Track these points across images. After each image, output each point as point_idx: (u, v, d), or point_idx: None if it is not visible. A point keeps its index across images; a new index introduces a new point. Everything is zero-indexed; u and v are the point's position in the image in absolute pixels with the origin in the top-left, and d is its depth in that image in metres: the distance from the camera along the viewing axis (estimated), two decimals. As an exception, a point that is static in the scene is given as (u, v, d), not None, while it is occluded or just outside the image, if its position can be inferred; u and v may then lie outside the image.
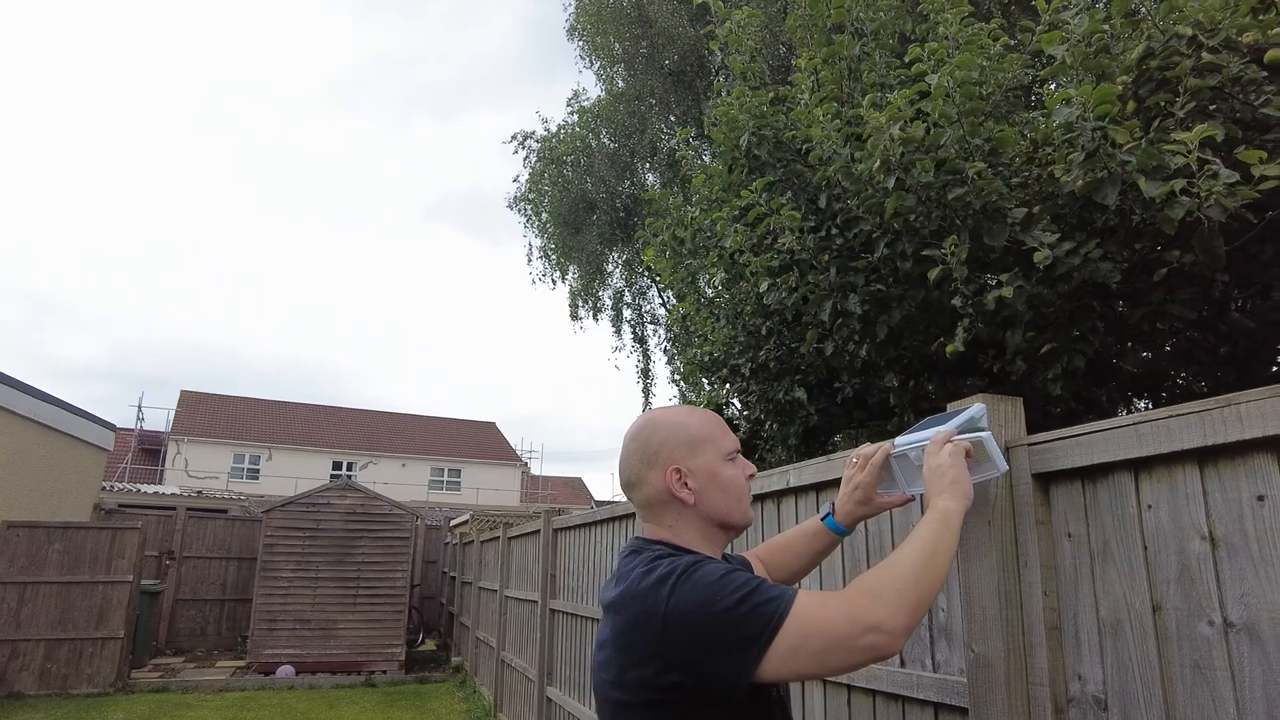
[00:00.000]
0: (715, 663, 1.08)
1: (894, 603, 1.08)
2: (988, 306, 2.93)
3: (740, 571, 1.15)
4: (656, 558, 1.22)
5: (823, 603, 1.10)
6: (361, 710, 8.21)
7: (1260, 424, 1.06)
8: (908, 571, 1.12)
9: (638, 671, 1.14)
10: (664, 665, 1.11)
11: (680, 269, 5.27)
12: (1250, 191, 2.16)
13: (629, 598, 1.19)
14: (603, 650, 1.25)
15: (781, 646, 1.06)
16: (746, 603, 1.09)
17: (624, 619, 1.19)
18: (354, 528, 10.36)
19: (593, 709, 4.37)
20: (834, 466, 2.07)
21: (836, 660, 1.08)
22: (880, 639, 1.06)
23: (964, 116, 3.03)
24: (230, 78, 68.42)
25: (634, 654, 1.15)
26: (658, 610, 1.12)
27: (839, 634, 1.06)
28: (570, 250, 15.84)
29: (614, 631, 1.21)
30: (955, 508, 1.25)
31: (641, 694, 1.14)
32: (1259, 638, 1.08)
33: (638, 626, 1.15)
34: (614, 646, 1.20)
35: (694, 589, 1.12)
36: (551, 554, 5.70)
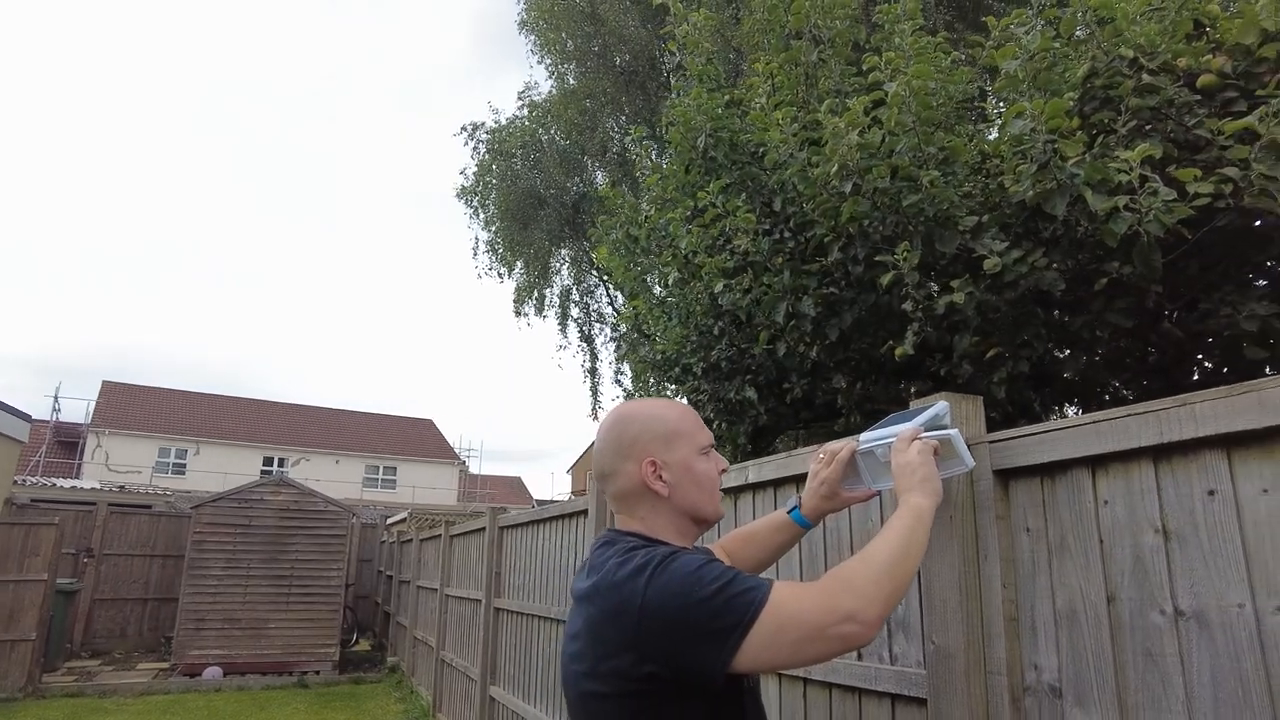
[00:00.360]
0: (692, 652, 1.09)
1: (868, 593, 1.11)
2: (937, 311, 3.02)
3: (717, 562, 1.16)
4: (631, 549, 1.22)
5: (799, 593, 1.12)
6: (294, 712, 7.98)
7: (1213, 422, 1.12)
8: (882, 564, 1.15)
9: (613, 662, 1.14)
10: (640, 656, 1.11)
11: (633, 268, 5.28)
12: (1185, 208, 2.27)
13: (604, 588, 1.18)
14: (575, 641, 1.24)
15: (758, 636, 1.07)
16: (724, 593, 1.10)
17: (599, 609, 1.18)
18: (288, 525, 10.07)
19: (539, 707, 4.36)
20: (794, 463, 2.11)
21: (812, 650, 1.10)
22: (855, 629, 1.09)
23: (919, 125, 3.11)
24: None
25: (609, 645, 1.15)
26: (634, 600, 1.12)
27: (815, 624, 1.08)
28: (517, 245, 15.71)
29: (588, 622, 1.21)
30: (927, 504, 1.28)
31: (616, 685, 1.14)
32: (1207, 625, 1.14)
33: (614, 617, 1.15)
34: (588, 638, 1.20)
35: (671, 579, 1.12)
36: (497, 552, 5.65)
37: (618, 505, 1.34)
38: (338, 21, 72.73)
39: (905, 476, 1.34)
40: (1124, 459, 1.27)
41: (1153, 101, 2.70)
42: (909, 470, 1.34)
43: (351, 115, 73.89)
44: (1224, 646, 1.11)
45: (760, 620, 1.07)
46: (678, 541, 1.29)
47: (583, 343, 16.69)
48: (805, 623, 1.08)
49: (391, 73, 74.58)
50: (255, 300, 71.85)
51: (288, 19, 74.66)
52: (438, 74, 73.24)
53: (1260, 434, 1.08)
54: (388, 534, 14.51)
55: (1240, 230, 2.74)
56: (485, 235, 16.48)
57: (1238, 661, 1.09)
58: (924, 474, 1.33)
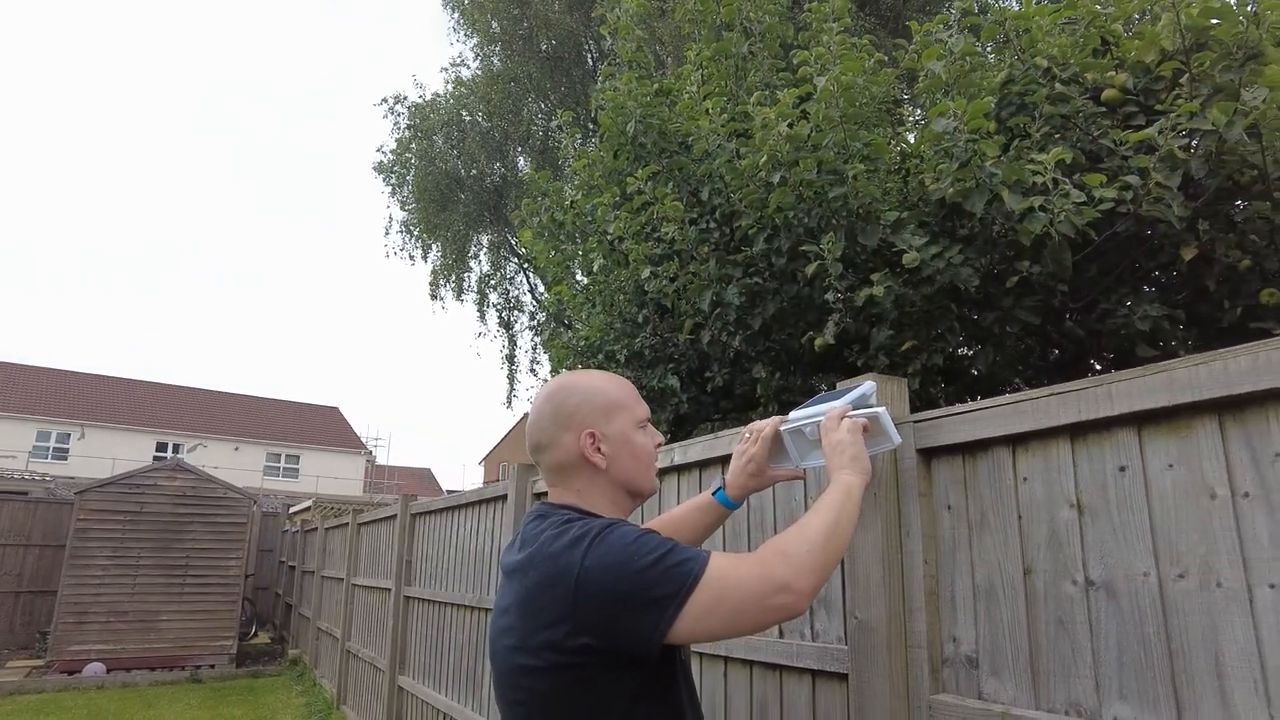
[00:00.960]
0: (629, 622, 1.08)
1: (803, 564, 1.12)
2: (857, 303, 3.10)
3: (655, 534, 1.15)
4: (566, 521, 1.20)
5: (736, 563, 1.12)
6: (185, 709, 7.59)
7: (1127, 401, 1.17)
8: (816, 536, 1.17)
9: (546, 634, 1.11)
10: (574, 627, 1.09)
11: (557, 254, 5.23)
12: (1094, 212, 2.40)
13: (539, 559, 1.16)
14: (505, 615, 1.21)
15: (696, 606, 1.07)
16: (662, 563, 1.09)
17: (533, 581, 1.16)
18: (184, 512, 9.55)
19: (451, 695, 4.28)
20: (719, 444, 2.12)
21: (748, 619, 1.10)
22: (790, 599, 1.10)
23: (844, 121, 3.18)
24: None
25: (542, 617, 1.13)
26: (571, 571, 1.10)
27: (752, 593, 1.09)
28: (435, 227, 15.33)
29: (520, 595, 1.18)
30: (857, 482, 1.30)
31: (548, 658, 1.11)
32: (1115, 594, 1.20)
33: (549, 588, 1.13)
34: (520, 611, 1.17)
35: (609, 550, 1.11)
36: (409, 539, 5.51)
37: (553, 477, 1.31)
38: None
39: (836, 454, 1.36)
40: (1043, 437, 1.32)
41: (1064, 110, 2.84)
42: (839, 448, 1.36)
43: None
44: (1130, 613, 1.17)
45: (698, 590, 1.07)
46: (613, 514, 1.28)
47: (501, 329, 16.47)
48: (742, 592, 1.08)
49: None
50: (153, 279, 68.18)
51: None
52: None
53: (1169, 411, 1.14)
54: (290, 523, 13.98)
55: (1136, 237, 2.92)
56: (401, 215, 16.02)
57: (1141, 626, 1.16)
58: (854, 452, 1.35)
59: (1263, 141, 2.41)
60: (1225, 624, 1.07)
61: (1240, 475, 1.08)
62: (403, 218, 15.86)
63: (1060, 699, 1.25)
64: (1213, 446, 1.11)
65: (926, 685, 1.44)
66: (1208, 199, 2.67)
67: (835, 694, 1.67)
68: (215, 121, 64.92)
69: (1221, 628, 1.07)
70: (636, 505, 1.37)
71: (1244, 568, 1.06)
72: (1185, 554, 1.12)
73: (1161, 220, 2.60)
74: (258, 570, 14.13)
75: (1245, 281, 2.82)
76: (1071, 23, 3.07)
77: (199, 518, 9.65)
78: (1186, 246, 2.71)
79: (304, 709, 7.64)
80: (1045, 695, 1.27)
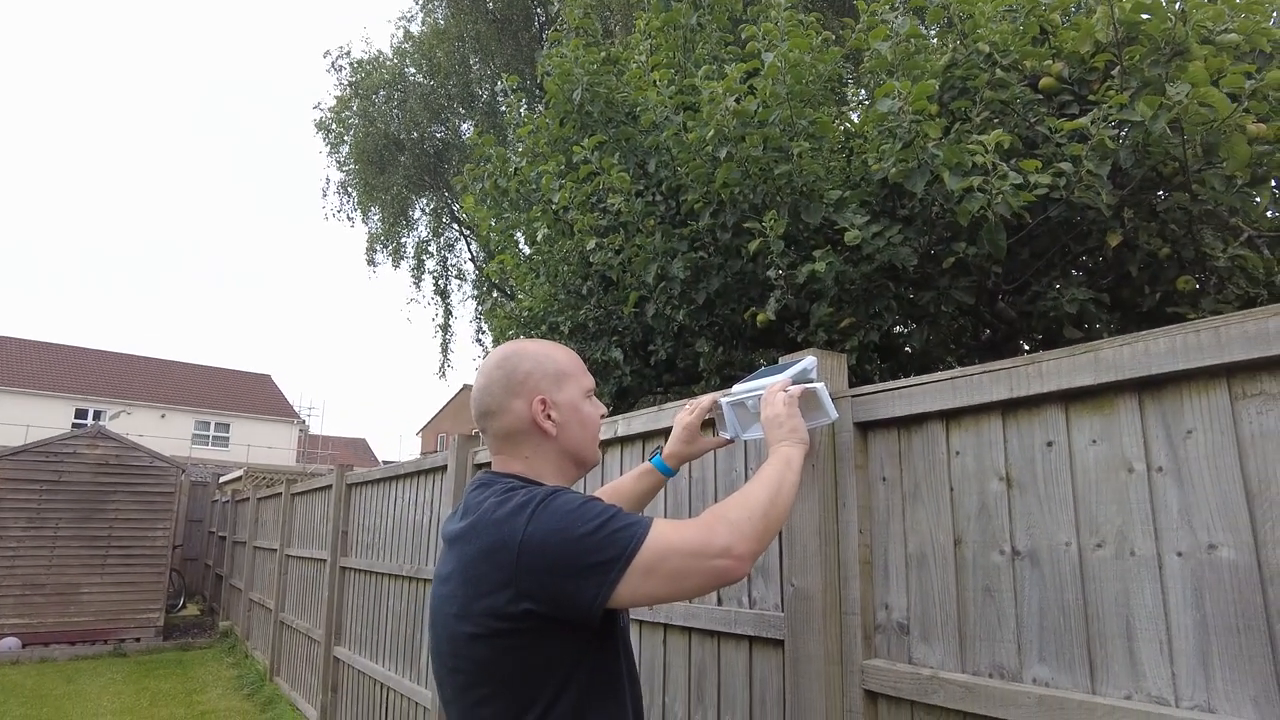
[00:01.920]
0: (572, 587, 1.09)
1: (744, 529, 1.15)
2: (799, 280, 3.14)
3: (598, 500, 1.16)
4: (510, 489, 1.20)
5: (678, 528, 1.14)
6: (109, 683, 7.36)
7: (1056, 379, 1.23)
8: (756, 503, 1.19)
9: (488, 601, 1.12)
10: (517, 592, 1.10)
11: (501, 220, 5.15)
12: (1029, 195, 2.47)
13: (482, 526, 1.16)
14: (446, 583, 1.21)
15: (638, 570, 1.09)
16: (605, 529, 1.10)
17: (475, 548, 1.16)
18: (106, 481, 9.18)
19: (388, 665, 4.25)
20: (664, 417, 2.14)
21: (690, 583, 1.12)
22: (730, 563, 1.12)
23: (791, 99, 3.20)
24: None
25: (484, 583, 1.13)
26: (514, 537, 1.11)
27: (693, 556, 1.11)
28: (373, 190, 14.90)
29: (462, 562, 1.18)
30: (795, 453, 1.34)
31: (490, 624, 1.12)
32: (1038, 563, 1.26)
33: (491, 555, 1.13)
34: (461, 578, 1.17)
35: (553, 516, 1.12)
36: (344, 510, 5.42)
37: (500, 444, 1.30)
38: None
39: (774, 428, 1.39)
40: (976, 413, 1.37)
41: (1003, 95, 2.91)
42: (777, 422, 1.40)
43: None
44: (1051, 581, 1.24)
45: (640, 554, 1.09)
46: (558, 483, 1.28)
47: (437, 297, 16.16)
48: (683, 556, 1.11)
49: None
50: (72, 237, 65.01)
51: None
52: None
53: (1095, 390, 1.20)
54: (220, 493, 13.60)
55: (1067, 222, 3.03)
56: (339, 175, 15.54)
57: (1061, 593, 1.22)
58: (791, 425, 1.39)
59: (1184, 135, 2.51)
60: (1137, 590, 1.14)
61: (1156, 451, 1.14)
62: (340, 179, 15.39)
63: (985, 662, 1.31)
64: (1132, 423, 1.16)
65: (859, 650, 1.50)
66: (1133, 188, 2.78)
67: (771, 659, 1.72)
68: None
69: (1133, 593, 1.14)
70: (581, 475, 1.38)
71: (1155, 537, 1.12)
72: (1104, 525, 1.18)
73: (1091, 207, 2.70)
74: (186, 541, 13.73)
75: (1164, 269, 2.95)
76: (1012, 10, 3.14)
77: (123, 487, 9.29)
78: (1113, 233, 2.82)
79: (235, 681, 7.50)
80: (971, 659, 1.34)
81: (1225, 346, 1.05)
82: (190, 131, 59.83)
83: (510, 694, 1.12)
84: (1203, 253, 2.78)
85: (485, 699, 1.14)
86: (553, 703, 1.12)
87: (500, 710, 1.13)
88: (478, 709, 1.15)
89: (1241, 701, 1.01)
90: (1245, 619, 1.02)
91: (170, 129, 60.15)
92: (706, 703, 1.91)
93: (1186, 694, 1.07)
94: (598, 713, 1.16)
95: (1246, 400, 1.05)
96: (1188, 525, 1.09)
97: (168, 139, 59.84)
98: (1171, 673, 1.09)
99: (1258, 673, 1.00)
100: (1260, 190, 2.77)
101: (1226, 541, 1.05)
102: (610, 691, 1.19)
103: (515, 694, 1.12)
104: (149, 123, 60.40)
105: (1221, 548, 1.05)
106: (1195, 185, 2.64)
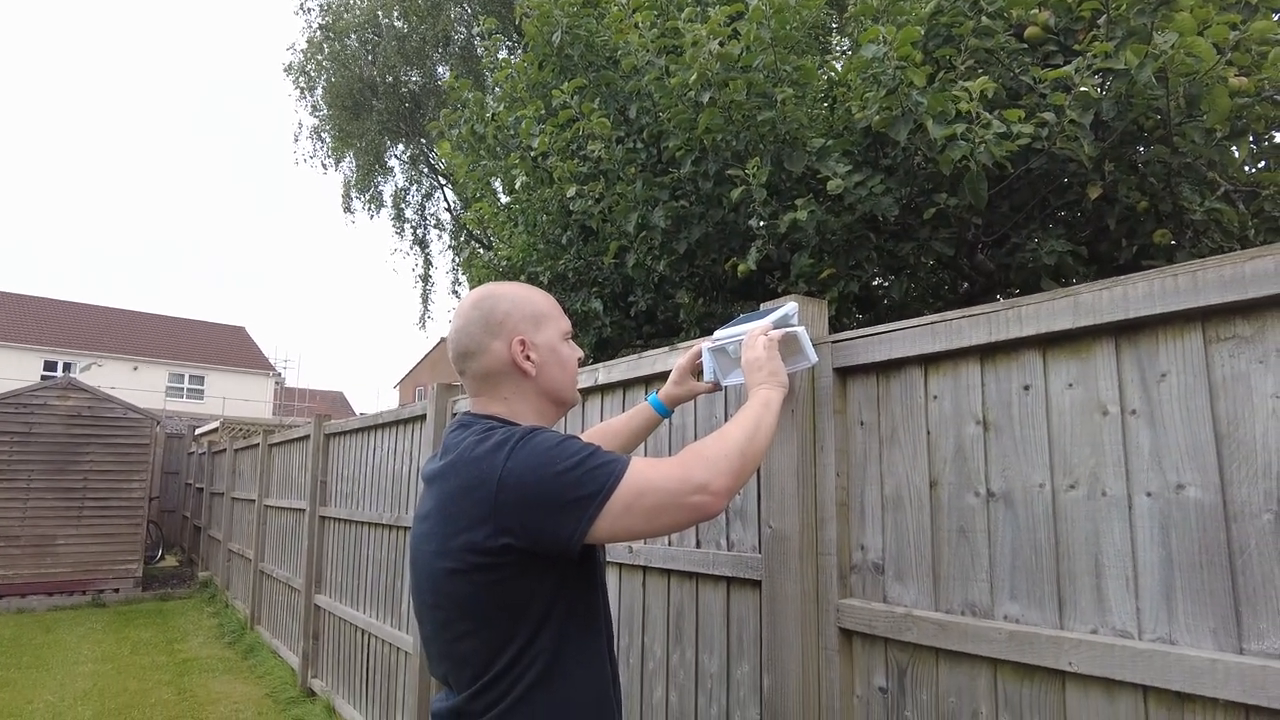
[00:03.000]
0: (551, 522, 1.09)
1: (720, 467, 1.16)
2: (781, 229, 3.13)
3: (577, 439, 1.17)
4: (489, 429, 1.20)
5: (655, 464, 1.15)
6: (88, 632, 7.38)
7: (1035, 323, 1.24)
8: (734, 442, 1.20)
9: (466, 536, 1.12)
10: (496, 528, 1.10)
11: (478, 168, 5.06)
12: (1012, 144, 2.46)
13: (461, 464, 1.17)
14: (425, 522, 1.22)
15: (616, 505, 1.10)
16: (584, 465, 1.11)
17: (454, 485, 1.16)
18: (79, 433, 9.07)
19: (369, 611, 4.29)
20: (643, 365, 2.14)
21: (666, 518, 1.13)
22: (706, 499, 1.13)
23: (775, 44, 3.15)
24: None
25: (462, 519, 1.13)
26: (493, 474, 1.11)
27: (670, 491, 1.12)
28: (348, 136, 14.54)
29: (440, 499, 1.18)
30: (775, 396, 1.34)
31: (468, 559, 1.12)
32: (1012, 504, 1.28)
33: (469, 491, 1.13)
34: (440, 515, 1.17)
35: (532, 453, 1.12)
36: (323, 460, 5.41)
37: (479, 385, 1.30)
38: None
39: (754, 371, 1.40)
40: (954, 358, 1.38)
41: (988, 44, 2.88)
42: (757, 365, 1.40)
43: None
44: (1024, 521, 1.26)
45: (618, 490, 1.10)
46: (538, 423, 1.28)
47: (417, 246, 15.94)
48: (660, 490, 1.12)
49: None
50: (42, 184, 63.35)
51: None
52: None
53: (1073, 334, 1.21)
54: (197, 445, 13.50)
55: (1048, 174, 3.03)
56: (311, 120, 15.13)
57: (1034, 533, 1.25)
58: (771, 368, 1.39)
59: (1168, 87, 2.50)
60: (1106, 529, 1.16)
61: (1130, 393, 1.16)
62: (313, 124, 14.98)
63: (958, 600, 1.35)
64: (1108, 367, 1.18)
65: (835, 590, 1.53)
66: (1114, 141, 2.77)
67: (749, 599, 1.75)
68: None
69: (1103, 532, 1.17)
70: (561, 415, 1.38)
71: (1126, 478, 1.15)
72: (1077, 466, 1.21)
73: (1073, 159, 2.70)
74: (163, 493, 13.67)
75: (1142, 222, 2.97)
76: (1001, -45, 3.08)
77: (96, 439, 9.19)
78: (1093, 185, 2.83)
79: (216, 630, 7.55)
80: (945, 598, 1.37)
81: (1201, 290, 1.06)
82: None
83: (489, 629, 1.14)
84: (1180, 206, 2.80)
85: (464, 634, 1.15)
86: (532, 638, 1.14)
87: (479, 645, 1.14)
88: (457, 644, 1.17)
89: (1201, 634, 1.05)
90: (1208, 555, 1.05)
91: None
92: (685, 642, 1.95)
93: (1149, 627, 1.10)
94: (575, 647, 1.18)
95: (1220, 344, 1.07)
96: (1158, 466, 1.12)
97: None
98: (1136, 607, 1.12)
99: (1217, 606, 1.04)
100: (1239, 143, 2.78)
101: (1194, 481, 1.08)
102: (587, 627, 1.21)
103: (494, 629, 1.13)
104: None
105: (1189, 487, 1.08)
106: (1176, 138, 2.65)
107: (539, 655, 1.14)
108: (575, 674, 1.17)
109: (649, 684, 2.07)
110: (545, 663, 1.14)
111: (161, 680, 5.71)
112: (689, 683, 1.93)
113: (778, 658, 1.59)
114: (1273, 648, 0.98)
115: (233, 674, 5.95)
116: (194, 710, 5.01)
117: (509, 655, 1.13)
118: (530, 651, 1.14)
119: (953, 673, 1.34)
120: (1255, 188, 2.85)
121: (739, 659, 1.78)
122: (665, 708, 2.00)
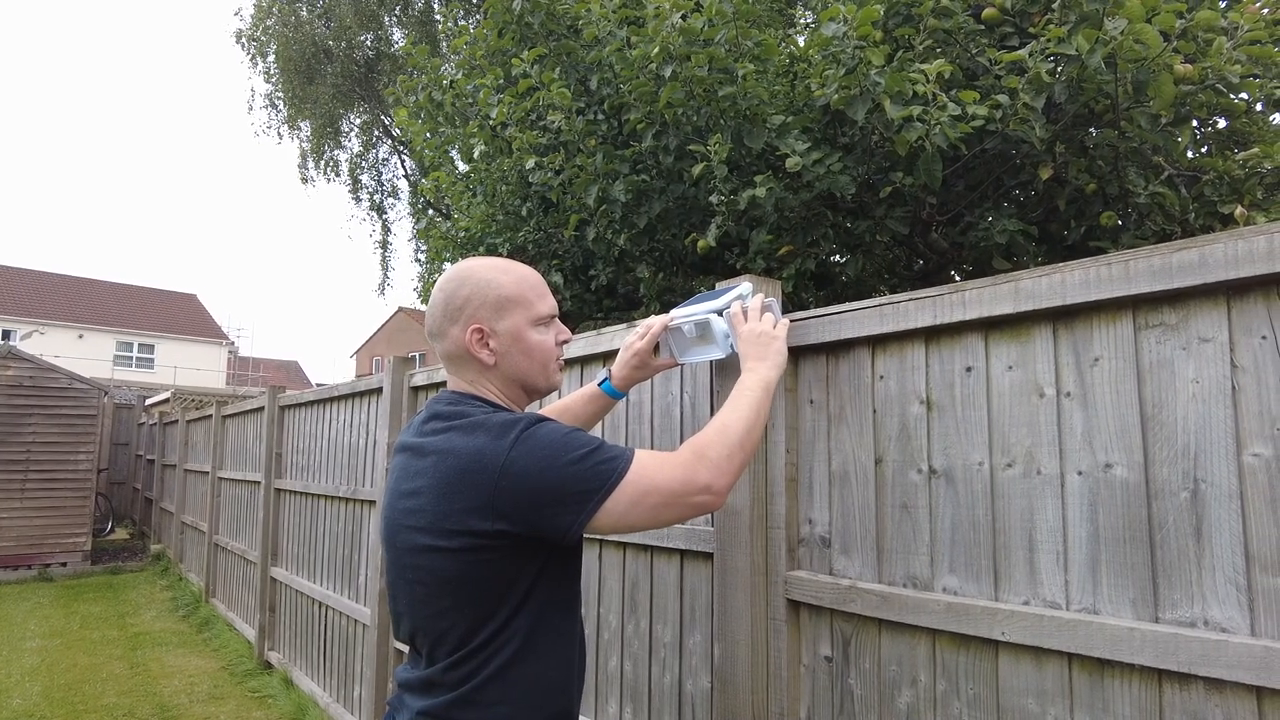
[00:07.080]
0: (552, 514, 1.10)
1: (722, 466, 1.18)
2: (740, 206, 3.15)
3: (583, 431, 1.17)
4: (493, 409, 1.21)
5: (660, 462, 1.16)
6: (35, 607, 7.23)
7: (978, 307, 1.27)
8: (735, 437, 1.21)
9: (462, 518, 1.11)
10: (494, 514, 1.10)
11: (435, 136, 4.97)
12: (967, 126, 2.50)
13: (461, 442, 1.15)
14: (414, 498, 1.18)
15: (621, 500, 1.11)
16: (590, 459, 1.12)
17: (453, 465, 1.14)
18: (21, 404, 8.80)
19: (326, 584, 4.28)
20: (602, 341, 2.15)
21: (669, 514, 1.16)
22: (709, 498, 1.16)
23: (737, 18, 3.14)
24: None
25: (458, 500, 1.12)
26: (497, 460, 1.10)
27: (674, 492, 1.14)
28: (302, 103, 14.13)
29: (436, 477, 1.15)
30: (775, 376, 1.36)
31: (462, 540, 1.12)
32: (953, 481, 1.33)
33: (469, 473, 1.12)
34: (435, 493, 1.14)
35: (540, 443, 1.12)
36: (278, 432, 5.34)
37: (447, 364, 1.30)
38: None
39: (757, 345, 1.40)
40: (901, 339, 1.42)
41: (946, 24, 2.91)
42: (762, 340, 1.40)
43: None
44: (964, 498, 1.31)
45: (622, 486, 1.11)
46: (509, 408, 1.28)
47: (374, 213, 15.63)
48: (664, 491, 1.14)
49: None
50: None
51: None
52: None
53: (1013, 318, 1.25)
54: (148, 415, 13.20)
55: (1001, 155, 3.08)
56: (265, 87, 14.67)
57: (973, 510, 1.30)
58: (777, 346, 1.40)
59: (1117, 73, 2.56)
60: (1040, 506, 1.22)
61: (1065, 376, 1.20)
62: (267, 90, 14.52)
63: (900, 573, 1.40)
64: (1046, 350, 1.23)
65: (784, 563, 1.57)
66: (1065, 124, 2.83)
67: (701, 571, 1.80)
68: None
69: (1037, 509, 1.22)
70: (534, 400, 1.38)
71: (1060, 458, 1.20)
72: (1014, 445, 1.26)
73: (1025, 140, 2.75)
74: (112, 464, 13.37)
75: (1090, 204, 3.05)
76: (960, -64, 3.10)
77: (40, 409, 8.93)
78: (1044, 167, 2.89)
79: (170, 603, 7.45)
80: (888, 570, 1.42)
81: (1133, 279, 1.10)
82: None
83: (471, 607, 1.14)
84: (1126, 189, 2.88)
85: (444, 611, 1.16)
86: (511, 617, 1.15)
87: (457, 622, 1.15)
88: (435, 620, 1.17)
89: (1121, 604, 1.11)
90: (1131, 530, 1.11)
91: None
92: (640, 613, 1.99)
93: (1076, 598, 1.16)
94: (551, 627, 1.19)
95: (1148, 330, 1.12)
96: (1089, 446, 1.17)
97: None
98: (1065, 580, 1.18)
99: (1137, 578, 1.10)
100: (1182, 129, 2.86)
101: (1121, 461, 1.13)
102: (564, 610, 1.23)
103: (476, 607, 1.14)
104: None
105: (1116, 466, 1.13)
106: (1124, 123, 2.71)
107: (516, 632, 1.15)
108: (548, 652, 1.19)
109: (604, 654, 2.11)
110: (522, 640, 1.15)
111: (113, 655, 5.64)
112: (643, 652, 1.98)
113: (728, 628, 1.64)
114: (1184, 616, 1.05)
115: (187, 647, 5.89)
116: (148, 684, 4.96)
117: (488, 631, 1.14)
118: (509, 629, 1.15)
119: (894, 642, 1.39)
120: (1197, 173, 2.94)
121: (691, 629, 1.82)
122: (620, 676, 2.05)
